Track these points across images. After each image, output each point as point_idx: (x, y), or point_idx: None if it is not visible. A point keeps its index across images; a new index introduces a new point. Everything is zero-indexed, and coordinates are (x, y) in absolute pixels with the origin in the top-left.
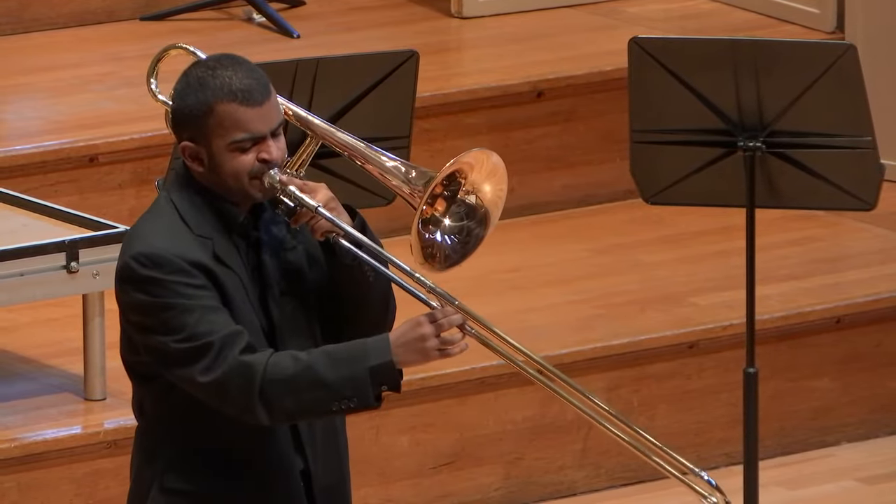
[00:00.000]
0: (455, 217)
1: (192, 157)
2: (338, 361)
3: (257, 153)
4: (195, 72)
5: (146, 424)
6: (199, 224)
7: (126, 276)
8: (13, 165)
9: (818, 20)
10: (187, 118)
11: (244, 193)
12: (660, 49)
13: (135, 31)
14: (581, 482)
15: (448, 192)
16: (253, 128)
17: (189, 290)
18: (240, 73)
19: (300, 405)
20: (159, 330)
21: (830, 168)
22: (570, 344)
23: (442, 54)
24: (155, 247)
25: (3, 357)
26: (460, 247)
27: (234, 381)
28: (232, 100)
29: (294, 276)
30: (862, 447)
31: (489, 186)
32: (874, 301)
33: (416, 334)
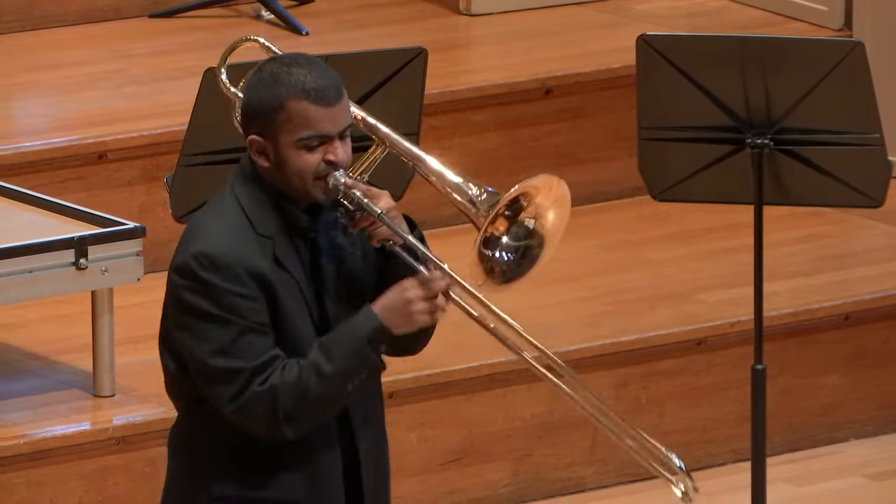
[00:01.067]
0: (513, 237)
1: (259, 151)
2: (333, 348)
3: (324, 154)
4: (270, 67)
5: (187, 426)
6: (262, 223)
7: (183, 272)
8: (22, 162)
9: (826, 17)
10: (257, 112)
11: (306, 193)
12: (668, 46)
13: (143, 28)
14: (589, 478)
15: (510, 212)
16: (321, 127)
17: (239, 301)
18: (315, 72)
19: (319, 404)
20: (199, 335)
21: (838, 165)
22: (578, 340)
23: (450, 51)
24: (217, 248)
25: (12, 353)
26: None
27: (258, 407)
28: (304, 97)
29: (349, 278)
30: (870, 444)
31: (552, 214)
32: (882, 298)
33: (402, 299)
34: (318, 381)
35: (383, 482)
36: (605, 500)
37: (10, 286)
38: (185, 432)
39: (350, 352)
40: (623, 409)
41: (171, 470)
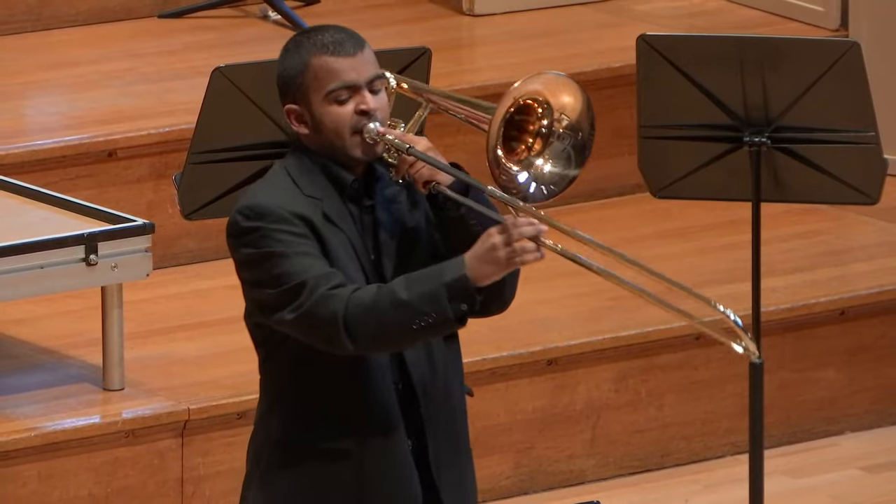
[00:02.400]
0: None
1: (298, 119)
2: (415, 281)
3: (355, 105)
4: (293, 38)
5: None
6: (309, 185)
7: (232, 230)
8: (34, 160)
9: (823, 18)
10: (288, 80)
11: (346, 152)
12: (667, 46)
13: (153, 28)
14: (590, 471)
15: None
16: (346, 76)
17: (289, 237)
18: (332, 30)
19: (382, 326)
20: (263, 280)
21: (835, 163)
22: (579, 335)
23: (454, 51)
24: (260, 200)
25: (23, 348)
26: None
27: (320, 312)
28: (324, 52)
29: (410, 238)
30: (866, 437)
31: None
32: (878, 293)
33: (488, 244)
34: (390, 303)
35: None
36: (605, 491)
37: (21, 281)
38: (264, 382)
39: (427, 290)
40: (623, 402)
41: (255, 416)
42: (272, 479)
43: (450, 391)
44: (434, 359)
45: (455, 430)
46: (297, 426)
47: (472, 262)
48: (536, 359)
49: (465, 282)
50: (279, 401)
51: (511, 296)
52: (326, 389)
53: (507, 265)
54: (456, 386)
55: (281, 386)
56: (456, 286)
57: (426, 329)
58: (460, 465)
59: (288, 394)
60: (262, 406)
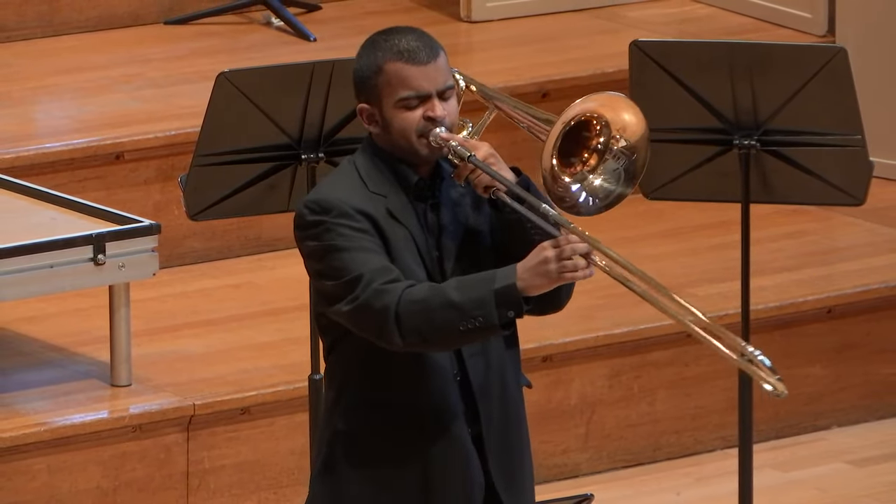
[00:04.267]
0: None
1: (369, 118)
2: (466, 285)
3: (424, 111)
4: (371, 38)
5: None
6: (376, 182)
7: (298, 223)
8: (44, 162)
9: (810, 24)
10: (362, 80)
11: (413, 151)
12: (659, 52)
13: (159, 34)
14: (584, 465)
15: (600, 145)
16: (417, 85)
17: (350, 231)
18: (409, 36)
19: (430, 324)
20: (324, 273)
21: (822, 165)
22: (573, 333)
23: (452, 56)
24: (325, 194)
25: (33, 345)
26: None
27: (374, 304)
28: (398, 59)
29: (473, 239)
30: (852, 431)
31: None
32: (864, 292)
33: (539, 258)
34: (440, 302)
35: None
36: (599, 485)
37: (31, 281)
38: (331, 370)
39: (476, 295)
40: (616, 398)
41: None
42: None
43: (505, 385)
44: (489, 353)
45: (510, 423)
46: (361, 415)
47: (523, 273)
48: (532, 355)
49: (514, 291)
50: (345, 390)
51: (567, 299)
52: (390, 379)
53: (556, 279)
54: (512, 380)
55: (347, 375)
56: (504, 294)
57: (472, 332)
58: (516, 457)
59: (353, 383)
60: (329, 396)
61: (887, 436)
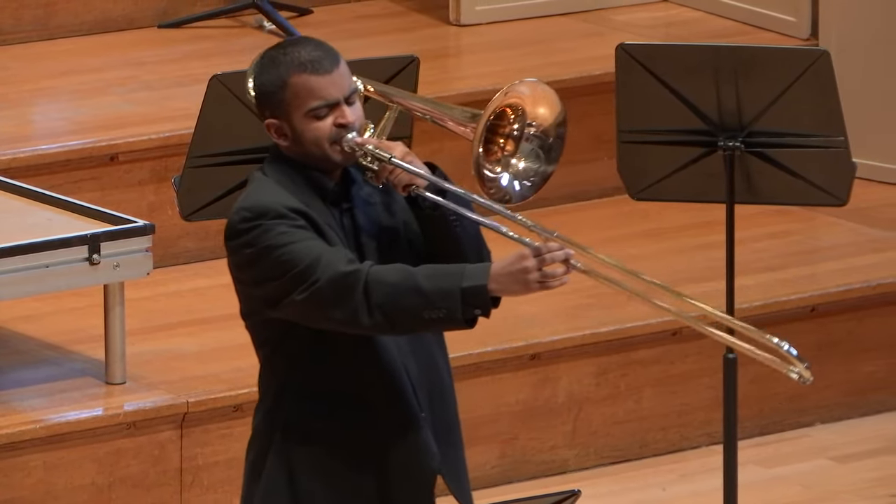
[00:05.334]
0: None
1: (277, 132)
2: (436, 275)
3: (334, 119)
4: (269, 53)
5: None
6: (295, 191)
7: (231, 232)
8: (40, 164)
9: (794, 28)
10: (267, 96)
11: (327, 159)
12: (645, 55)
13: (154, 37)
14: (572, 461)
15: (515, 131)
16: (326, 94)
17: (291, 229)
18: (308, 47)
19: (397, 307)
20: (270, 274)
21: (805, 166)
22: (561, 331)
23: (441, 59)
24: (256, 201)
25: (29, 343)
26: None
27: (339, 285)
28: (303, 71)
29: (389, 238)
30: (835, 428)
31: (543, 109)
32: (847, 291)
33: (519, 266)
34: (410, 287)
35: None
36: (586, 481)
37: (27, 280)
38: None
39: (445, 287)
40: (603, 395)
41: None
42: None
43: (441, 375)
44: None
45: (449, 413)
46: (310, 409)
47: (499, 277)
48: (520, 354)
49: (482, 292)
50: (287, 391)
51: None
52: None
53: (535, 288)
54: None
55: (289, 375)
56: (473, 292)
57: (436, 322)
58: (457, 443)
59: (296, 381)
60: (265, 404)
61: (870, 432)
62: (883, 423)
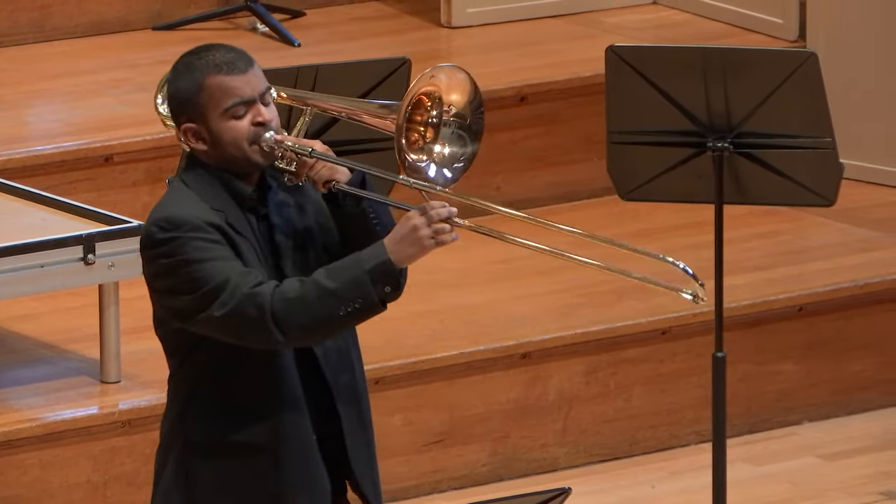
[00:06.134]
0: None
1: (195, 136)
2: (337, 270)
3: (252, 118)
4: (182, 60)
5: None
6: (211, 198)
7: (147, 242)
8: (35, 164)
9: (782, 30)
10: (183, 101)
11: (247, 160)
12: (635, 56)
13: (148, 40)
14: (562, 459)
15: (433, 119)
16: (242, 92)
17: (206, 244)
18: (221, 50)
19: (310, 315)
20: (183, 288)
21: (793, 167)
22: (551, 330)
23: (433, 61)
24: (173, 212)
25: (25, 343)
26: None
27: (247, 309)
28: (218, 72)
29: (305, 243)
30: (823, 426)
31: (457, 96)
32: (834, 290)
33: (408, 227)
34: (316, 294)
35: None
36: (577, 478)
37: (23, 280)
38: (175, 386)
39: (350, 278)
40: (593, 393)
41: (162, 422)
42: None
43: (356, 380)
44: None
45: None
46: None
47: (393, 246)
48: (511, 353)
49: (389, 265)
50: (192, 402)
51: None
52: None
53: (430, 245)
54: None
55: (196, 387)
56: (379, 270)
57: (352, 314)
58: (371, 448)
59: (203, 393)
60: (171, 413)
61: (857, 431)
62: (870, 422)
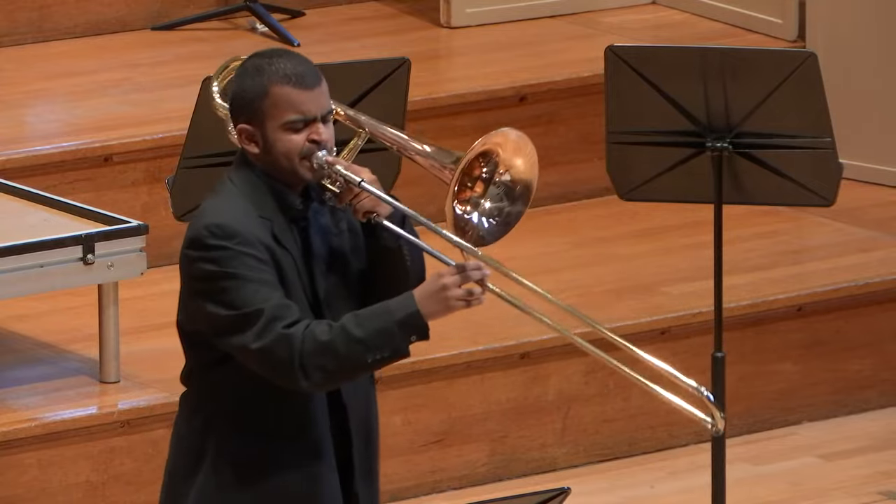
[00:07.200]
0: (494, 198)
1: (249, 139)
2: (367, 319)
3: (308, 134)
4: (253, 61)
5: (195, 394)
6: (259, 204)
7: (197, 244)
8: (34, 165)
9: (781, 30)
10: (245, 102)
11: (295, 173)
12: (634, 56)
13: (147, 40)
14: (561, 459)
15: (485, 174)
16: (305, 109)
17: (253, 262)
18: (293, 61)
19: (337, 362)
20: (220, 299)
21: (793, 167)
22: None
23: (432, 61)
24: (227, 220)
25: (24, 342)
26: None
27: (279, 350)
28: (286, 83)
29: (338, 259)
30: (822, 426)
31: (520, 160)
32: (834, 290)
33: (438, 285)
34: (344, 342)
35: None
36: (576, 478)
37: (22, 280)
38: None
39: (380, 328)
40: (592, 393)
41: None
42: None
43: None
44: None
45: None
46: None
47: (422, 300)
48: (510, 352)
49: (418, 318)
50: (217, 415)
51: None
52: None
53: (456, 306)
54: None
55: (219, 399)
56: (409, 322)
57: (379, 362)
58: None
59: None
60: (194, 421)
61: (856, 430)
62: (869, 421)
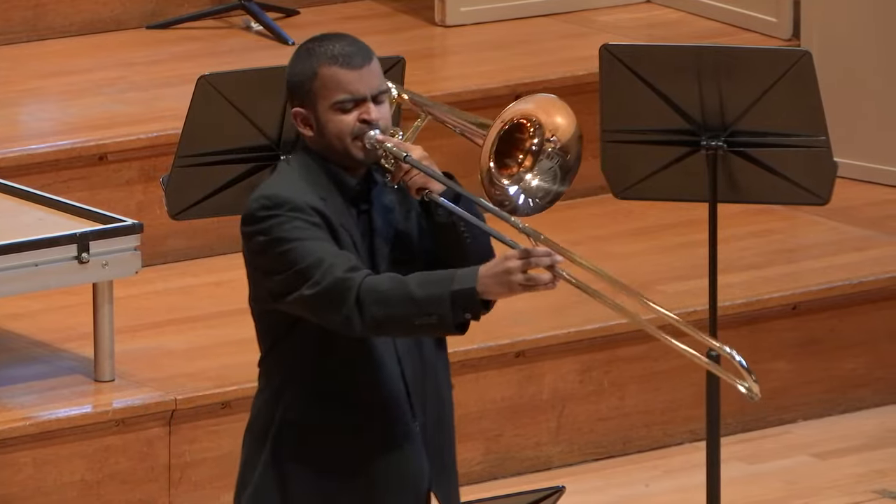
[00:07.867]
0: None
1: (303, 122)
2: (427, 282)
3: (359, 114)
4: (304, 45)
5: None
6: (316, 184)
7: (249, 219)
8: (29, 163)
9: (776, 28)
10: (297, 85)
11: (348, 154)
12: (629, 55)
13: (142, 38)
14: (556, 457)
15: (534, 146)
16: (353, 89)
17: (304, 224)
18: (343, 42)
19: (388, 314)
20: (277, 267)
21: (787, 165)
22: (546, 328)
23: (427, 60)
24: (277, 190)
25: (19, 341)
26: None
27: (335, 291)
28: (333, 63)
29: (403, 243)
30: (816, 425)
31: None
32: (828, 289)
33: (503, 267)
34: (401, 296)
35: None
36: (570, 477)
37: (17, 279)
38: (268, 368)
39: (435, 293)
40: (588, 392)
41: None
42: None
43: (438, 384)
44: (423, 350)
45: (443, 421)
46: (308, 408)
47: (485, 279)
48: (505, 351)
49: (472, 294)
50: (290, 383)
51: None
52: (337, 372)
53: (518, 289)
54: (444, 381)
55: (292, 369)
56: (462, 295)
57: (426, 328)
58: (447, 455)
59: (300, 375)
60: (265, 393)
61: (850, 429)
62: (864, 420)
